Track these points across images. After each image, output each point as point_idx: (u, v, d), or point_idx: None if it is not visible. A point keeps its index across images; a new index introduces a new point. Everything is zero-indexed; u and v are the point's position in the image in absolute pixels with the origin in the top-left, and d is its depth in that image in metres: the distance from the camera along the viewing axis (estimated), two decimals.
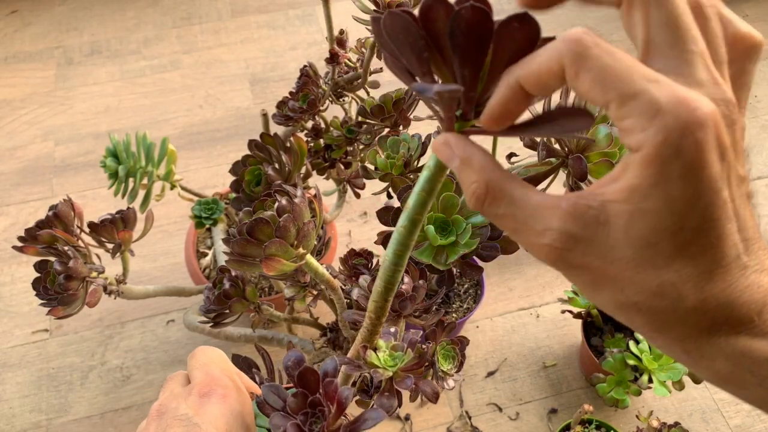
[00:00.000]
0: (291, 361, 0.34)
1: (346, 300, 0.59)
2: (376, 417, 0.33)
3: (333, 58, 0.72)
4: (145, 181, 0.75)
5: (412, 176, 0.64)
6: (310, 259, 0.40)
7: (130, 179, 0.74)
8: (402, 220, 0.30)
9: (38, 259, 0.63)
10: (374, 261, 0.62)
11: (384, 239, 0.53)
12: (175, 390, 0.40)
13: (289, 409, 0.33)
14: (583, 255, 0.24)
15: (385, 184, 0.66)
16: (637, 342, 0.80)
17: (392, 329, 0.35)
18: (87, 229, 0.66)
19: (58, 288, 0.61)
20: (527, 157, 0.58)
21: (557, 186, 0.71)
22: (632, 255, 0.23)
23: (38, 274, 0.62)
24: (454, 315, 0.90)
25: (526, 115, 0.25)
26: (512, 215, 0.25)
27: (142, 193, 0.75)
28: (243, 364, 0.47)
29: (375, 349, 0.34)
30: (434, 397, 0.33)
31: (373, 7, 0.60)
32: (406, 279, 0.53)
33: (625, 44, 0.24)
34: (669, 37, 0.24)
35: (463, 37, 0.22)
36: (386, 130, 0.73)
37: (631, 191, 0.22)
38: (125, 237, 0.67)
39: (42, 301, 0.62)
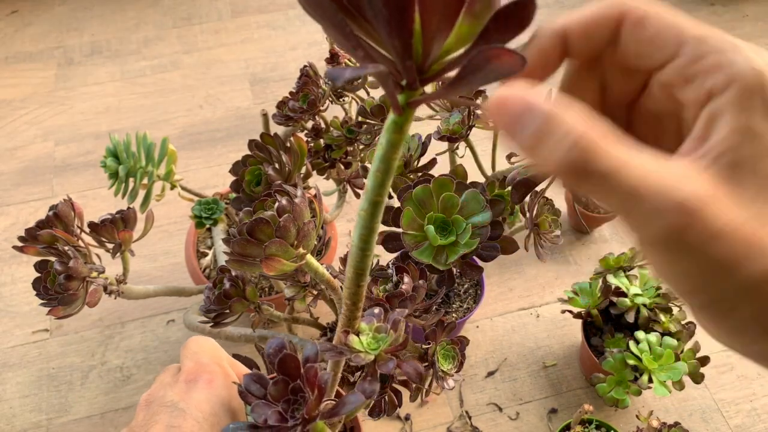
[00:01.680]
0: (272, 348, 0.34)
1: None
2: (355, 401, 0.32)
3: (333, 58, 0.72)
4: (145, 181, 0.75)
5: (412, 176, 0.64)
6: (310, 259, 0.40)
7: (131, 179, 0.75)
8: (362, 203, 0.29)
9: (38, 259, 0.63)
10: (374, 261, 0.62)
11: (384, 239, 0.53)
12: (164, 380, 0.40)
13: (270, 396, 0.33)
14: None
15: None
16: (637, 342, 0.80)
17: (376, 310, 0.35)
18: (87, 229, 0.66)
19: (59, 288, 0.61)
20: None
21: (557, 185, 0.71)
22: None
23: (38, 274, 0.62)
24: (454, 315, 0.90)
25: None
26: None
27: (142, 193, 0.75)
28: (243, 363, 0.47)
29: (357, 334, 0.33)
30: (417, 377, 0.33)
31: None
32: (406, 279, 0.53)
33: None
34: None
35: (382, 4, 0.20)
36: None
37: (743, 132, 0.20)
38: (125, 237, 0.67)
39: (42, 301, 0.62)
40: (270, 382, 0.34)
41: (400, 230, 0.52)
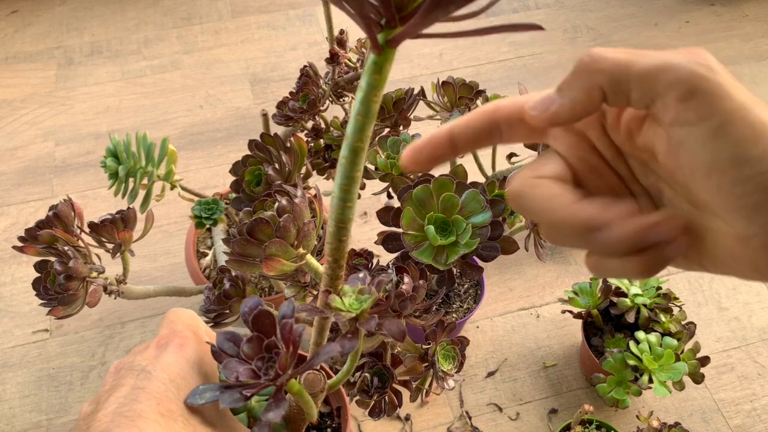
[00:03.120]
0: (247, 308, 0.32)
1: None
2: (329, 350, 0.31)
3: (333, 58, 0.72)
4: (145, 181, 0.75)
5: (412, 176, 0.64)
6: (310, 259, 0.40)
7: (131, 179, 0.75)
8: (343, 150, 0.28)
9: (38, 259, 0.63)
10: (374, 261, 0.62)
11: (384, 239, 0.53)
12: (137, 349, 0.40)
13: (243, 354, 0.32)
14: None
15: (385, 184, 0.66)
16: (638, 342, 0.80)
17: (361, 275, 0.34)
18: (87, 229, 0.66)
19: (59, 288, 0.61)
20: (527, 157, 0.58)
21: None
22: None
23: (38, 274, 0.62)
24: (454, 315, 0.90)
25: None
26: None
27: (142, 193, 0.75)
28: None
29: (340, 294, 0.32)
30: (400, 335, 0.32)
31: None
32: (406, 279, 0.53)
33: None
34: None
35: None
36: (386, 130, 0.73)
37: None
38: (125, 237, 0.67)
39: (42, 301, 0.62)
40: (244, 340, 0.32)
41: (400, 230, 0.52)
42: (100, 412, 0.33)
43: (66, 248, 0.62)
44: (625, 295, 0.84)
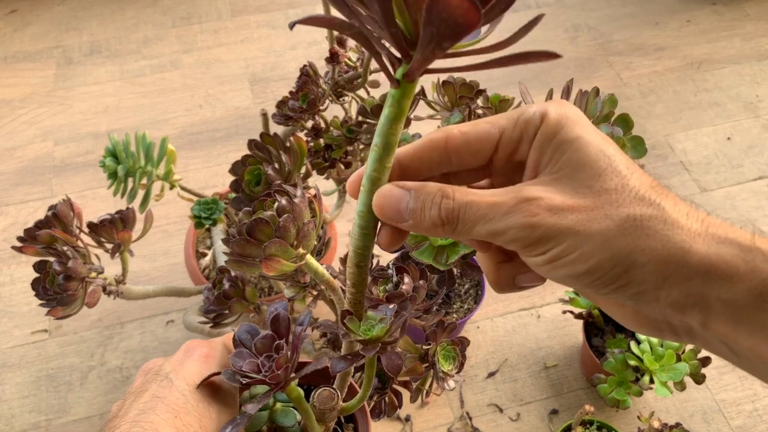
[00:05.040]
0: (273, 308, 0.35)
1: None
2: (319, 364, 0.35)
3: (333, 58, 0.71)
4: (144, 181, 0.75)
5: None
6: (310, 259, 0.40)
7: (130, 179, 0.74)
8: (363, 179, 0.30)
9: (37, 259, 0.63)
10: (374, 261, 0.62)
11: None
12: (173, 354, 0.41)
13: (255, 348, 0.34)
14: None
15: None
16: (639, 342, 0.79)
17: (390, 306, 0.35)
18: (86, 229, 0.66)
19: (58, 288, 0.60)
20: None
21: None
22: None
23: (37, 275, 0.62)
24: (454, 315, 0.90)
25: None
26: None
27: (141, 193, 0.75)
28: None
29: (360, 318, 0.34)
30: (395, 370, 0.34)
31: None
32: (407, 279, 0.53)
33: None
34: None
35: None
36: None
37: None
38: (124, 237, 0.67)
39: (41, 302, 0.62)
40: (260, 335, 0.35)
41: None
42: (122, 418, 0.35)
43: (65, 248, 0.62)
44: None
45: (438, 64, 0.26)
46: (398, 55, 0.24)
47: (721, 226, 0.28)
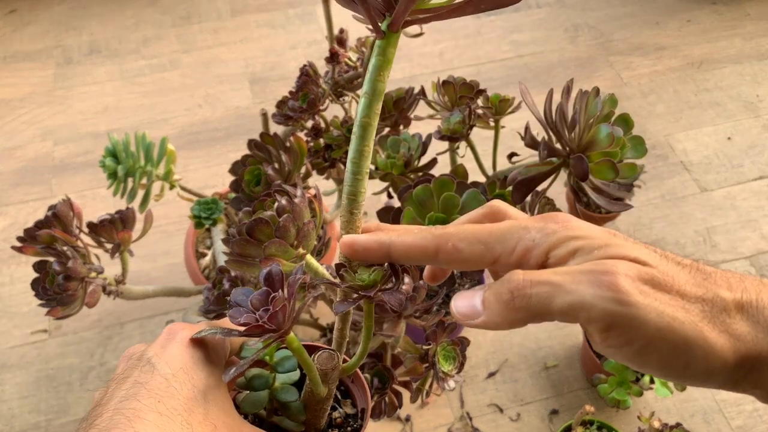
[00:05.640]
0: (266, 270, 0.35)
1: None
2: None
3: (333, 58, 0.71)
4: (144, 180, 0.75)
5: (412, 176, 0.64)
6: (310, 259, 0.40)
7: (129, 179, 0.74)
8: (354, 127, 0.32)
9: (37, 259, 0.63)
10: None
11: None
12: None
13: (251, 305, 0.34)
14: None
15: (385, 184, 0.66)
16: None
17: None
18: (86, 230, 0.66)
19: (57, 288, 0.60)
20: (528, 156, 0.58)
21: (558, 185, 0.71)
22: None
23: (37, 275, 0.62)
24: None
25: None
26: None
27: (141, 193, 0.75)
28: None
29: (355, 272, 0.34)
30: (399, 305, 0.34)
31: None
32: (407, 279, 0.53)
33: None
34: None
35: None
36: (386, 129, 0.72)
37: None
38: (124, 237, 0.67)
39: (41, 302, 0.62)
40: (254, 293, 0.34)
41: None
42: (105, 406, 0.34)
43: (65, 248, 0.62)
44: None
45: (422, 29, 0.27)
46: (383, 9, 0.27)
47: None
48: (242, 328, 0.33)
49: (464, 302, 0.31)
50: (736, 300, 0.28)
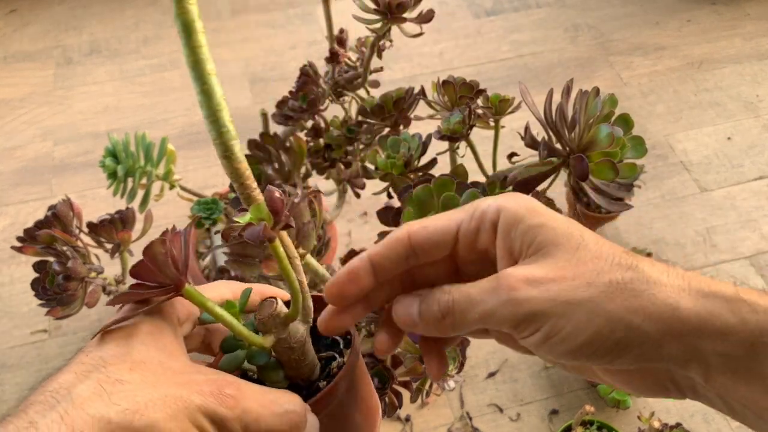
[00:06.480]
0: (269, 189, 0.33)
1: None
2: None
3: (333, 58, 0.71)
4: (144, 180, 0.75)
5: (412, 176, 0.64)
6: (310, 259, 0.40)
7: (129, 179, 0.74)
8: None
9: (37, 259, 0.63)
10: None
11: None
12: None
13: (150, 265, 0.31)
14: None
15: (385, 184, 0.66)
16: None
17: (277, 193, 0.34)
18: (86, 229, 0.66)
19: (57, 288, 0.60)
20: (528, 156, 0.58)
21: (558, 185, 0.71)
22: None
23: (37, 275, 0.62)
24: None
25: None
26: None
27: (141, 193, 0.75)
28: None
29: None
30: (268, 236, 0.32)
31: (373, 6, 0.60)
32: None
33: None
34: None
35: None
36: (386, 129, 0.72)
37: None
38: (124, 237, 0.67)
39: (41, 302, 0.62)
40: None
41: None
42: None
43: (65, 248, 0.62)
44: None
45: None
46: None
47: (703, 280, 0.29)
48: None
49: (404, 310, 0.33)
50: (659, 272, 0.29)
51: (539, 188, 0.54)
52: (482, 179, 0.63)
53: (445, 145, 0.66)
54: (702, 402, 0.30)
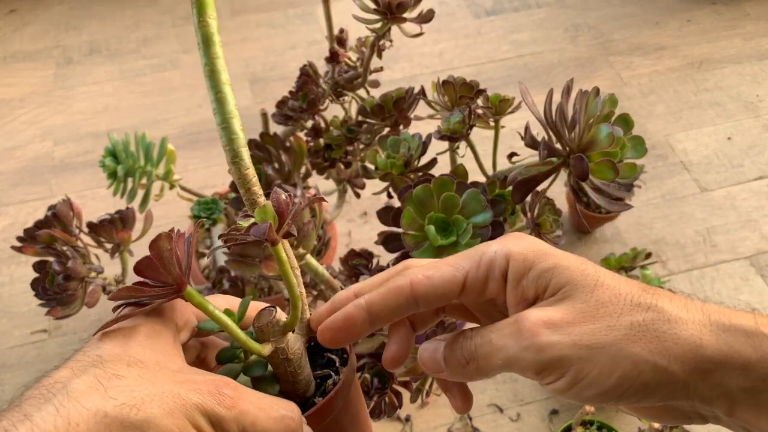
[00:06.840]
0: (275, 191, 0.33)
1: None
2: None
3: (333, 57, 0.71)
4: (144, 180, 0.75)
5: (412, 176, 0.64)
6: (310, 259, 0.40)
7: (129, 179, 0.74)
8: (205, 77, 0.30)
9: (37, 259, 0.63)
10: (374, 261, 0.62)
11: (384, 239, 0.53)
12: None
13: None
14: None
15: (385, 184, 0.66)
16: None
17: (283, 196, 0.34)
18: (86, 229, 0.66)
19: (57, 288, 0.60)
20: (528, 156, 0.58)
21: (558, 185, 0.71)
22: None
23: (37, 275, 0.62)
24: None
25: None
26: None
27: (141, 193, 0.75)
28: None
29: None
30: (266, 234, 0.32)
31: (373, 6, 0.60)
32: None
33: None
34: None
35: None
36: (386, 129, 0.72)
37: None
38: (124, 237, 0.67)
39: (41, 302, 0.62)
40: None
41: (400, 230, 0.52)
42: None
43: (65, 248, 0.62)
44: None
45: None
46: None
47: (723, 313, 0.29)
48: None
49: (429, 355, 0.33)
50: (679, 308, 0.29)
51: (539, 188, 0.54)
52: (482, 179, 0.63)
53: (445, 145, 0.66)
54: (725, 427, 0.30)
